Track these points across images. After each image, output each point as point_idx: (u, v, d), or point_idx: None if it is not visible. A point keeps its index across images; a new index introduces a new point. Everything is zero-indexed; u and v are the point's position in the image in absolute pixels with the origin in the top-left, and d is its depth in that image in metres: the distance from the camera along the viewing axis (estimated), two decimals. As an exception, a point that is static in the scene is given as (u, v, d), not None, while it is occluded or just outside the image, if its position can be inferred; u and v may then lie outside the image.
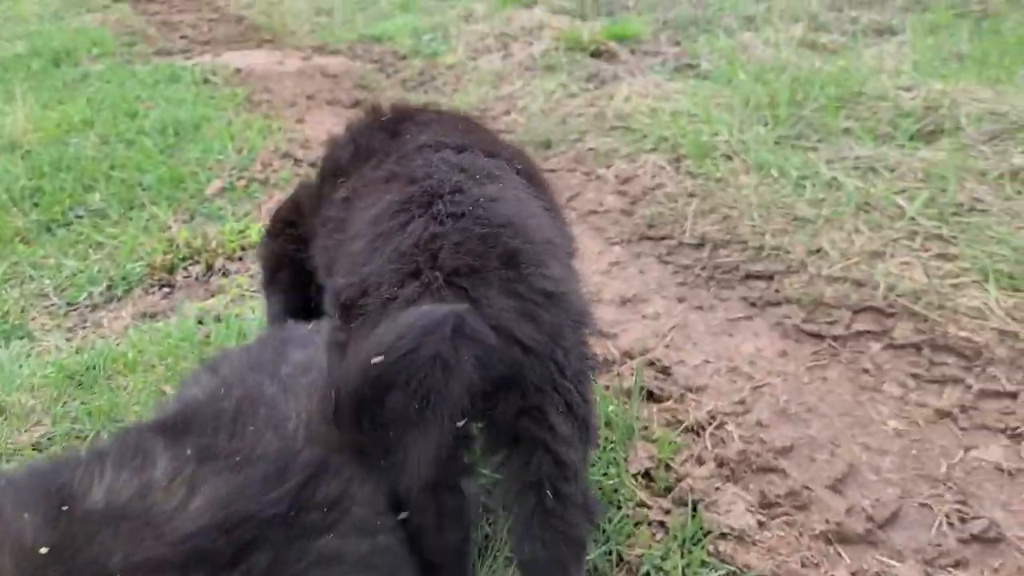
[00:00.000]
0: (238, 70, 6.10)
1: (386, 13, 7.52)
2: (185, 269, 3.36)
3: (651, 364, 2.69)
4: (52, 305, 3.23)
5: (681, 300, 3.11)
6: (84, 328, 3.07)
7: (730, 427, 2.38)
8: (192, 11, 8.55)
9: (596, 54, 6.02)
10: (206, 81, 5.81)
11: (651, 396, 2.51)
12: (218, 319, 2.97)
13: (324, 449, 1.39)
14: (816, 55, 5.19)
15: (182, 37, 7.42)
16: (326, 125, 5.20)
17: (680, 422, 2.37)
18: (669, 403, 2.46)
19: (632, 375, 2.59)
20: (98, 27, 7.44)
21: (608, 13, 7.07)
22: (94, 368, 2.66)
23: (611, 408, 2.31)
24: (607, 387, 2.50)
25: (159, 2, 9.00)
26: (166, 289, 3.28)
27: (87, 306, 3.21)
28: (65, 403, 2.54)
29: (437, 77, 5.91)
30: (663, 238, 3.54)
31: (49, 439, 2.37)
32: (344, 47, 6.71)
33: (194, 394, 1.62)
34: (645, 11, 6.98)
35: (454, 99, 5.43)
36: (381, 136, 2.06)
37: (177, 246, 3.41)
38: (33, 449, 2.33)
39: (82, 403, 2.51)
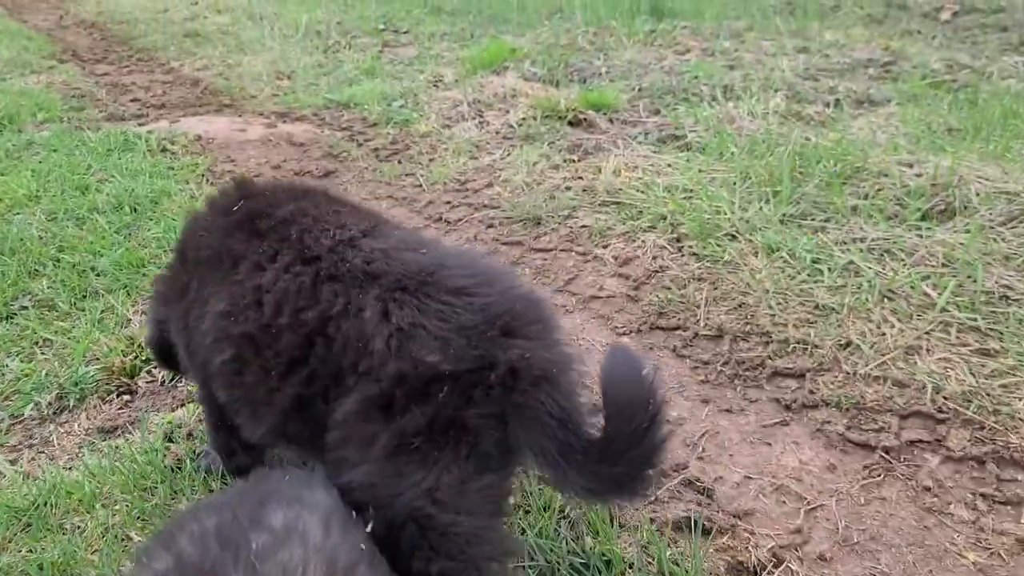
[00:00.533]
0: (198, 137, 5.75)
1: (351, 78, 7.26)
2: (148, 373, 2.96)
3: (688, 484, 2.40)
4: (-7, 417, 2.80)
5: (706, 402, 2.84)
6: (31, 446, 2.65)
7: (794, 566, 2.09)
8: (144, 72, 8.18)
9: (574, 123, 5.84)
10: (163, 150, 5.43)
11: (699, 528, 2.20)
12: (190, 435, 2.59)
13: None
14: (806, 127, 5.08)
15: (134, 100, 7.04)
16: (295, 198, 4.88)
17: (741, 564, 2.07)
18: (724, 540, 2.15)
19: (671, 500, 2.30)
20: (43, 89, 7.01)
21: (581, 80, 6.93)
22: (45, 504, 2.26)
23: (668, 553, 1.99)
24: (652, 520, 2.19)
25: (107, 62, 8.61)
26: (126, 397, 2.88)
27: (34, 419, 2.79)
28: (11, 552, 2.13)
29: (411, 146, 5.65)
30: (675, 328, 3.28)
31: (-10, 604, 1.96)
32: (309, 113, 6.41)
33: None
34: (618, 78, 6.85)
35: (431, 169, 5.16)
36: (241, 236, 1.86)
37: (139, 345, 3.02)
38: (-31, 619, 1.92)
39: (30, 551, 2.10)
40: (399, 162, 5.39)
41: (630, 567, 1.96)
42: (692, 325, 3.26)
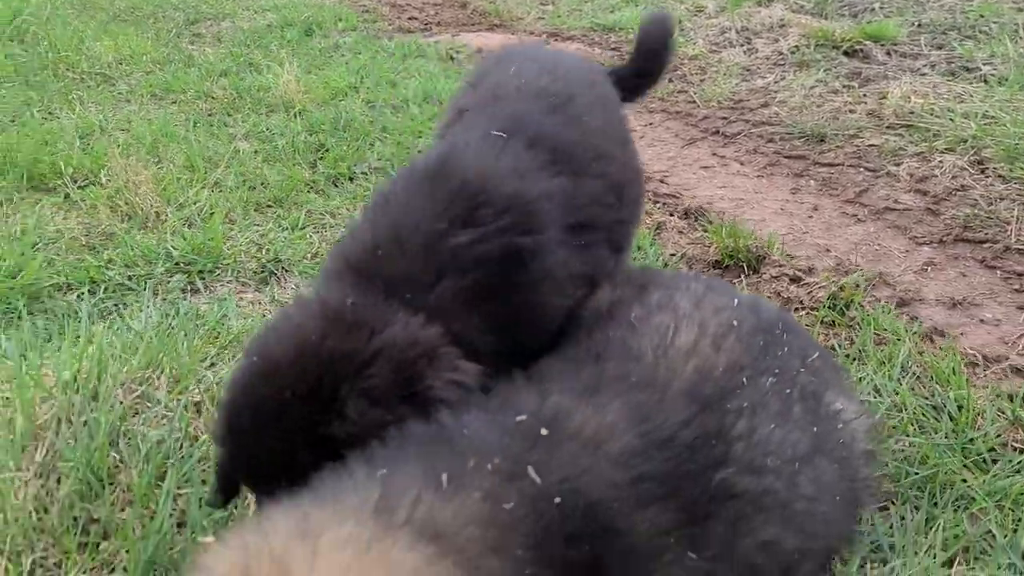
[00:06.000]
0: (479, 49, 6.16)
1: (613, 4, 7.44)
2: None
3: (1018, 372, 2.43)
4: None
5: (1022, 308, 2.82)
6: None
7: None
8: (416, -5, 8.77)
9: (849, 53, 5.70)
10: (451, 58, 5.89)
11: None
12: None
13: None
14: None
15: (411, 18, 7.60)
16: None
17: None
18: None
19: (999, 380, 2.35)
20: (337, 3, 7.73)
21: (852, 15, 6.70)
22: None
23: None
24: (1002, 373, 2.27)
25: (383, -14, 9.28)
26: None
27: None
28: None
29: (680, 67, 5.76)
30: (983, 241, 3.24)
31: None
32: (578, 34, 6.67)
33: None
34: (893, 14, 6.56)
35: (703, 88, 5.27)
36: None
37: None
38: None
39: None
40: (670, 80, 5.53)
41: (981, 415, 2.06)
42: (1002, 239, 3.22)
